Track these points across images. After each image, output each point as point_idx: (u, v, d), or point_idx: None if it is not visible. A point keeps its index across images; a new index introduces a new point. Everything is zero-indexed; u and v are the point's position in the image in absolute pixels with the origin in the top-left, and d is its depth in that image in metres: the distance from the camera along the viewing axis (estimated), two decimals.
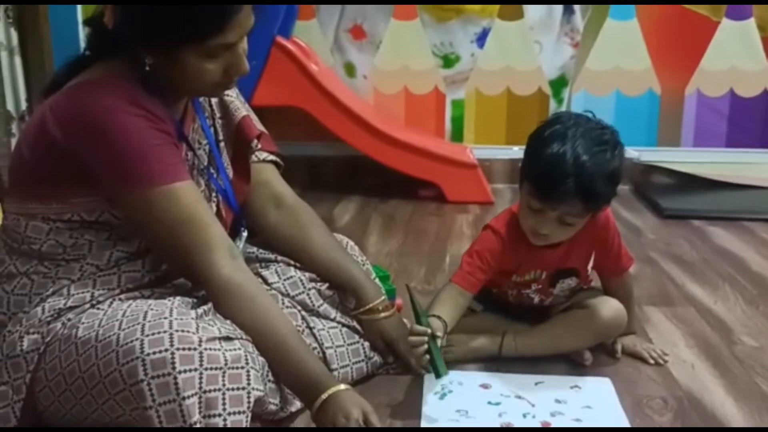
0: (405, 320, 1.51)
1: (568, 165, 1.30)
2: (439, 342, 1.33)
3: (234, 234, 1.41)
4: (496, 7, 3.17)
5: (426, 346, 1.30)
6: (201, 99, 1.36)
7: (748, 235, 2.52)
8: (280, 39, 2.80)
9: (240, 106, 1.43)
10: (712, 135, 3.25)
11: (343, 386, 1.16)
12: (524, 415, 1.31)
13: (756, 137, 3.24)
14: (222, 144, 1.40)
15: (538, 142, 1.36)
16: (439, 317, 1.37)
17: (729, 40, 3.15)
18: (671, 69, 3.20)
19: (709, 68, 3.19)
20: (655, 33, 3.17)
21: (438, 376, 1.31)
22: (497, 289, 1.56)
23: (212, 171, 1.35)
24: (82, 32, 2.81)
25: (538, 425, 1.28)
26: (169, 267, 1.26)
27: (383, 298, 1.48)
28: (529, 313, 1.55)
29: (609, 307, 1.49)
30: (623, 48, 3.18)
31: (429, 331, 1.30)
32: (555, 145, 1.32)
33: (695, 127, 3.26)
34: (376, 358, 1.46)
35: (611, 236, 1.49)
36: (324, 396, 1.14)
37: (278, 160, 1.52)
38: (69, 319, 1.16)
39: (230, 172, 1.40)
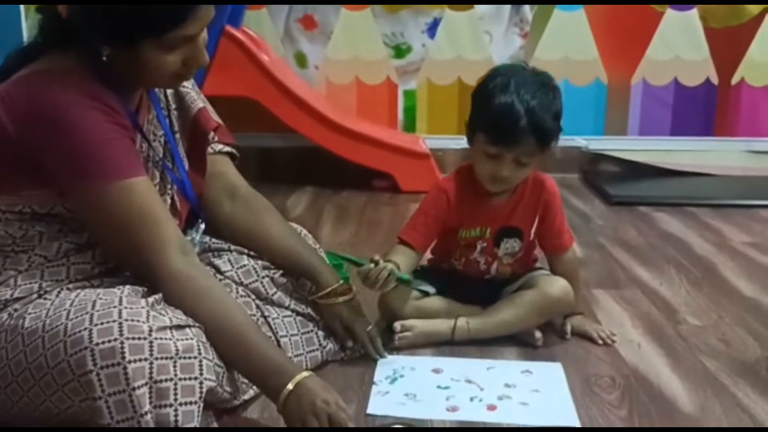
0: None
1: (519, 108, 1.43)
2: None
3: (190, 225, 1.40)
4: None
5: (389, 266, 1.43)
6: (156, 90, 1.33)
7: (692, 220, 2.60)
8: (229, 28, 2.78)
9: (196, 98, 1.41)
10: (658, 123, 3.33)
11: (306, 373, 1.15)
12: (471, 399, 1.33)
13: (699, 125, 3.33)
14: (177, 135, 1.38)
15: (485, 96, 1.48)
16: (390, 260, 1.47)
17: (673, 30, 3.22)
18: (617, 59, 3.26)
19: (654, 58, 3.26)
20: (601, 23, 3.22)
21: (407, 282, 1.49)
22: (446, 260, 1.60)
23: (168, 162, 1.33)
24: (25, 21, 2.74)
25: (485, 408, 1.30)
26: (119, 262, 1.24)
27: (341, 281, 1.48)
28: (480, 294, 1.58)
29: (557, 285, 1.54)
30: (571, 38, 3.23)
31: (376, 258, 1.44)
32: (502, 95, 1.45)
33: (641, 116, 3.33)
34: (330, 345, 1.46)
35: (556, 205, 1.58)
36: (290, 386, 1.12)
37: (234, 151, 1.50)
38: (15, 310, 1.14)
39: (186, 164, 1.38)
